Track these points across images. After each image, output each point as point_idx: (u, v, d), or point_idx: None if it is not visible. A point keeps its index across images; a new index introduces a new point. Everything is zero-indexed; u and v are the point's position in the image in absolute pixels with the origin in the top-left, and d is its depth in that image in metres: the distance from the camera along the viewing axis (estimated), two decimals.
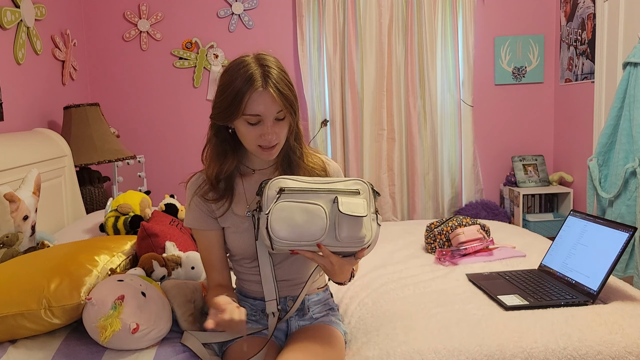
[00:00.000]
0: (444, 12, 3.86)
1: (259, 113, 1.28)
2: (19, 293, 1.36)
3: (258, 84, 1.26)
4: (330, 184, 1.28)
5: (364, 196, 1.26)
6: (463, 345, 1.39)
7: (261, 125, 1.30)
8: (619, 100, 2.68)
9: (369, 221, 1.25)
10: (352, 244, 1.23)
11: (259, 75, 1.27)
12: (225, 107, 1.30)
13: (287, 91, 1.29)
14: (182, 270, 1.73)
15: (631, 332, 1.42)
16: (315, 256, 1.26)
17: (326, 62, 3.85)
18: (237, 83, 1.27)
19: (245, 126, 1.31)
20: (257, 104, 1.27)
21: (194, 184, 1.43)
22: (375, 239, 1.27)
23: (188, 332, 1.41)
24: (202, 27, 3.86)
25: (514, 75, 4.01)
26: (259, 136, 1.31)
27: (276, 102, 1.28)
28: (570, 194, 3.81)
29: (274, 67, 1.30)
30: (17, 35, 2.74)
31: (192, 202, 1.42)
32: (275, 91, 1.27)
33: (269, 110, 1.28)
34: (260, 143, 1.32)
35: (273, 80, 1.27)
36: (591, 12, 3.41)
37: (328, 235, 1.22)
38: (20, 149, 2.39)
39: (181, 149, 3.93)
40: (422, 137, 3.94)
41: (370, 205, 1.27)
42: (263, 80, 1.27)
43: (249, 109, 1.28)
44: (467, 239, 2.15)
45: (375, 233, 1.26)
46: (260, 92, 1.27)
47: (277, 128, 1.32)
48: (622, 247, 1.63)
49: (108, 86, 3.87)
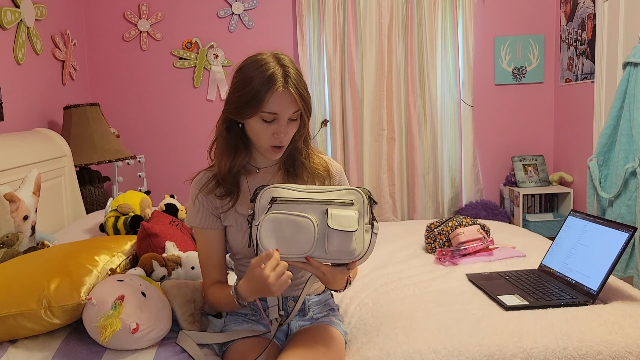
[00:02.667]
0: (444, 12, 3.86)
1: (277, 112, 1.30)
2: (19, 293, 1.36)
3: (279, 83, 1.28)
4: (323, 193, 1.27)
5: (357, 207, 1.25)
6: (463, 345, 1.39)
7: (275, 123, 1.32)
8: (619, 100, 2.68)
9: (361, 233, 1.23)
10: (341, 257, 1.23)
11: (280, 75, 1.29)
12: (244, 104, 1.31)
13: (305, 93, 1.33)
14: (182, 270, 1.73)
15: (631, 332, 1.42)
16: (306, 266, 1.25)
17: (326, 62, 3.85)
18: (257, 81, 1.29)
19: (260, 123, 1.32)
20: (276, 103, 1.29)
21: (199, 182, 1.44)
22: (370, 250, 1.25)
23: (183, 332, 1.40)
24: (202, 27, 3.86)
25: (514, 75, 4.01)
26: (271, 134, 1.33)
27: (295, 102, 1.30)
28: (570, 194, 3.81)
29: (292, 67, 1.32)
30: (17, 35, 2.74)
31: (197, 200, 1.42)
32: (295, 92, 1.29)
33: (287, 109, 1.31)
34: (272, 142, 1.34)
35: (293, 80, 1.30)
36: (591, 12, 3.41)
37: (317, 248, 1.22)
38: (20, 149, 2.39)
39: (181, 149, 3.93)
40: (422, 137, 3.94)
41: (364, 215, 1.25)
42: (284, 80, 1.29)
43: (268, 107, 1.29)
44: (467, 239, 2.15)
45: (369, 244, 1.25)
46: (281, 93, 1.29)
47: (289, 128, 1.34)
48: (622, 247, 1.63)
49: (108, 86, 3.87)
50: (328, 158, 1.52)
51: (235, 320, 1.47)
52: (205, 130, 1.43)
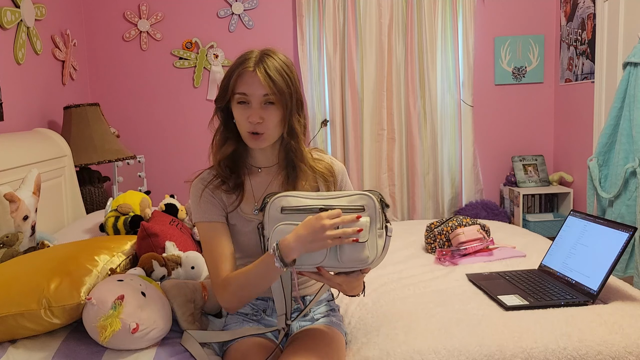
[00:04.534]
0: (444, 12, 3.85)
1: (245, 92, 1.33)
2: (19, 293, 1.36)
3: (249, 63, 1.33)
4: (334, 199, 1.26)
5: (368, 213, 1.24)
6: (463, 345, 1.39)
7: (249, 106, 1.34)
8: (619, 100, 2.68)
9: (374, 239, 1.23)
10: (354, 265, 1.23)
11: (253, 58, 1.34)
12: (222, 88, 1.37)
13: (279, 78, 1.32)
14: (182, 270, 1.73)
15: (631, 332, 1.42)
16: (319, 278, 1.25)
17: (326, 62, 3.85)
18: (233, 66, 1.36)
19: (237, 108, 1.36)
20: (244, 83, 1.33)
21: (203, 179, 1.44)
22: (384, 253, 1.25)
23: (187, 332, 1.41)
24: (202, 27, 3.86)
25: (514, 75, 4.01)
26: (246, 119, 1.34)
27: (262, 84, 1.31)
28: (570, 194, 3.81)
29: (275, 58, 1.34)
30: (17, 35, 2.74)
31: (203, 196, 1.42)
32: (262, 74, 1.31)
33: (255, 90, 1.32)
34: (249, 128, 1.35)
35: (265, 65, 1.32)
36: (591, 12, 3.41)
37: (329, 258, 1.21)
38: (20, 149, 2.39)
39: (181, 149, 3.93)
40: (422, 137, 3.94)
41: (376, 220, 1.24)
42: (255, 63, 1.32)
43: (237, 88, 1.33)
44: (467, 239, 2.15)
45: (383, 248, 1.24)
46: (249, 73, 1.32)
47: (265, 112, 1.34)
48: (622, 247, 1.63)
49: (108, 86, 3.87)
50: (330, 158, 1.52)
51: (236, 320, 1.47)
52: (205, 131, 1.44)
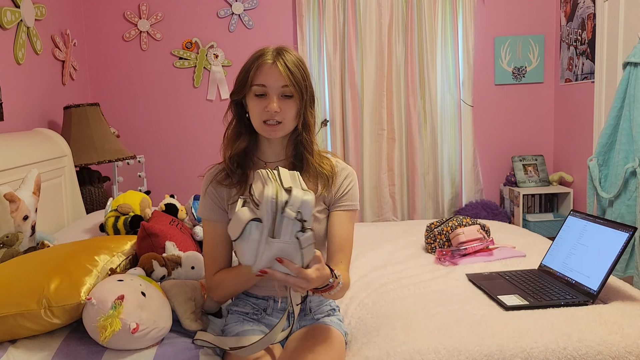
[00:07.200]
0: (444, 12, 3.86)
1: (264, 83, 1.35)
2: (19, 293, 1.36)
3: (268, 57, 1.36)
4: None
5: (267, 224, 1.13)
6: (463, 345, 1.39)
7: (267, 98, 1.36)
8: (619, 100, 2.68)
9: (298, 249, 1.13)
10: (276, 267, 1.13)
11: (271, 51, 1.38)
12: (239, 82, 1.40)
13: (297, 71, 1.36)
14: (182, 270, 1.72)
15: (631, 332, 1.42)
16: (287, 278, 1.14)
17: (326, 62, 3.85)
18: (250, 60, 1.39)
19: (254, 100, 1.37)
20: (263, 74, 1.35)
21: (210, 174, 1.48)
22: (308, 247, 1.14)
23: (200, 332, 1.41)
24: (202, 27, 3.86)
25: (514, 75, 4.01)
26: (263, 109, 1.36)
27: (282, 76, 1.34)
28: (570, 194, 3.81)
29: (291, 53, 1.38)
30: (17, 35, 2.74)
31: (207, 192, 1.46)
32: (282, 65, 1.34)
33: (275, 81, 1.35)
34: (265, 117, 1.36)
35: (284, 58, 1.35)
36: (591, 12, 3.41)
37: (260, 259, 1.12)
38: (20, 149, 2.39)
39: (181, 149, 3.93)
40: (422, 137, 3.94)
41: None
42: (274, 56, 1.36)
43: (256, 79, 1.35)
44: (467, 239, 2.15)
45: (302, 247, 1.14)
46: (268, 65, 1.35)
47: (282, 104, 1.36)
48: (622, 247, 1.63)
49: (108, 86, 3.87)
50: (337, 161, 1.51)
51: (236, 320, 1.47)
52: (206, 130, 1.44)
